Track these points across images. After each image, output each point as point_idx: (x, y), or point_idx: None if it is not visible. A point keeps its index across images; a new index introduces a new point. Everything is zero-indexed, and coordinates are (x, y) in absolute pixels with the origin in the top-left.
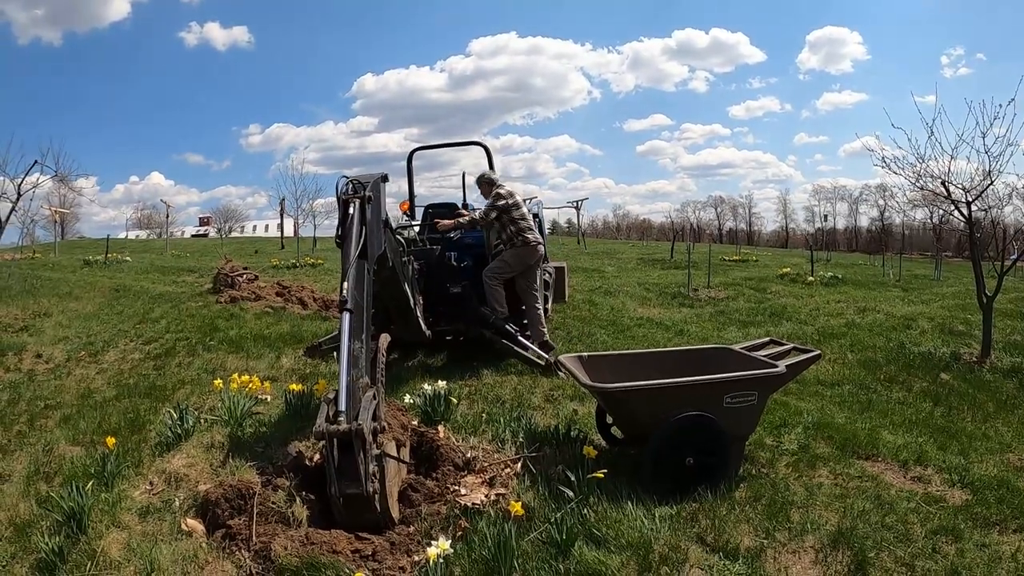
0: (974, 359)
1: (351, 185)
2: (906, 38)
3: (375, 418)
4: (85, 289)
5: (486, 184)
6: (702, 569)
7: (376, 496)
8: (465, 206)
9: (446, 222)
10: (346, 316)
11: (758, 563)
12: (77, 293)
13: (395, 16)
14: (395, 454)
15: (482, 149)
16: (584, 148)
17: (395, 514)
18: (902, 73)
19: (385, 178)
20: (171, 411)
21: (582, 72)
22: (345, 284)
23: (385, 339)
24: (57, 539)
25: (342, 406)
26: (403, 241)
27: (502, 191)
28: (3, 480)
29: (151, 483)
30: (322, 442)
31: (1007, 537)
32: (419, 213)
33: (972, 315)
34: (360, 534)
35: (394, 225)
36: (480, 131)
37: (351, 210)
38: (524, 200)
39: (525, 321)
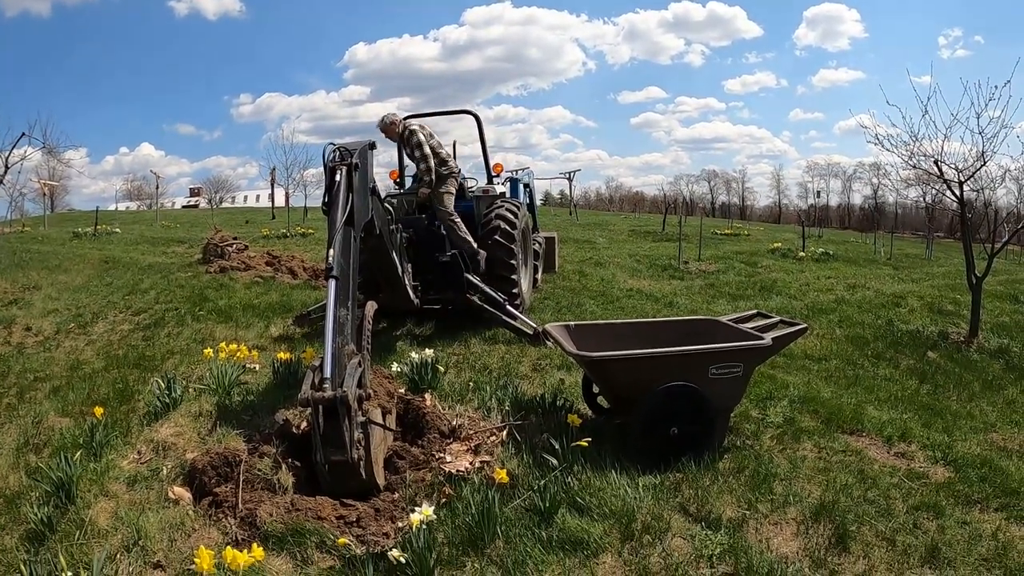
0: (962, 339)
1: (338, 152)
2: (904, 18)
3: (360, 385)
4: (74, 261)
5: (389, 126)
6: (684, 539)
7: (361, 463)
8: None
9: (424, 191)
10: (332, 283)
11: (740, 533)
12: (66, 266)
13: None
14: (381, 421)
15: (473, 118)
16: (578, 120)
17: (380, 481)
18: (899, 53)
19: (373, 146)
20: (159, 381)
21: (577, 43)
22: (331, 251)
23: (372, 307)
24: (46, 509)
25: (327, 373)
26: (391, 209)
27: (415, 128)
28: None
29: (139, 452)
30: (308, 409)
31: (988, 515)
32: (409, 183)
33: (961, 295)
34: (345, 500)
35: (383, 194)
36: (473, 101)
37: (338, 177)
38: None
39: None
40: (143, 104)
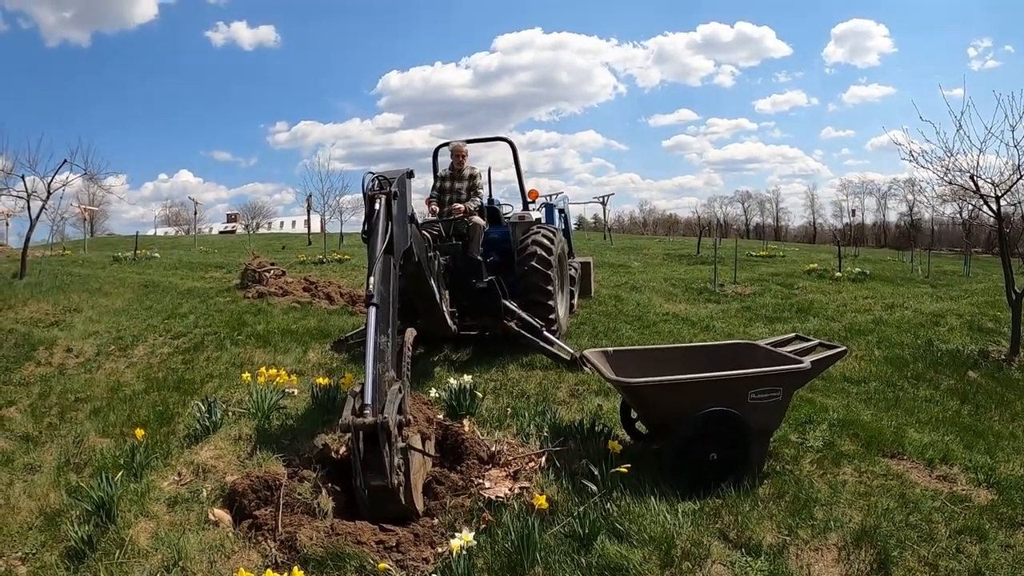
0: (1003, 357)
1: (377, 181)
2: (933, 31)
3: (401, 411)
4: (114, 285)
5: (466, 155)
6: (724, 565)
7: (401, 488)
8: (491, 201)
9: (458, 206)
10: (372, 311)
11: (780, 560)
12: (107, 289)
13: (420, 13)
14: (420, 447)
15: (508, 145)
16: (610, 143)
17: (419, 506)
18: (929, 66)
19: (411, 174)
20: (199, 404)
21: (607, 67)
22: (371, 279)
23: (411, 333)
24: (86, 528)
25: (368, 399)
26: (429, 236)
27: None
28: (34, 471)
29: (179, 474)
30: (348, 435)
31: None
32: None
33: (1001, 312)
34: (385, 525)
35: (420, 220)
36: (506, 127)
37: (377, 206)
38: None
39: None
40: (181, 131)
